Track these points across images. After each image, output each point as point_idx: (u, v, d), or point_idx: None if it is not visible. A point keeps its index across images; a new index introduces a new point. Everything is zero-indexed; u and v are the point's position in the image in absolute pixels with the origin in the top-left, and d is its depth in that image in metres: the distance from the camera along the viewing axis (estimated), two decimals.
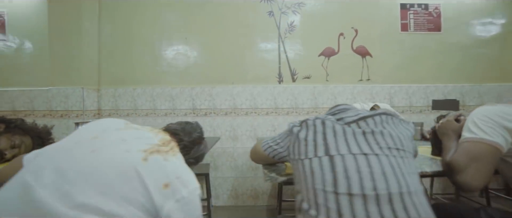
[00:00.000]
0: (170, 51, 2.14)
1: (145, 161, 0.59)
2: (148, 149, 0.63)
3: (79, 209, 0.50)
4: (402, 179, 0.53)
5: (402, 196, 0.50)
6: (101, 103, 2.16)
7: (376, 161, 0.55)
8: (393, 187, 0.51)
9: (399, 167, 0.55)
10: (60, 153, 0.61)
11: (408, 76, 2.13)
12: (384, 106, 1.72)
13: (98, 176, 0.55)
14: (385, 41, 2.11)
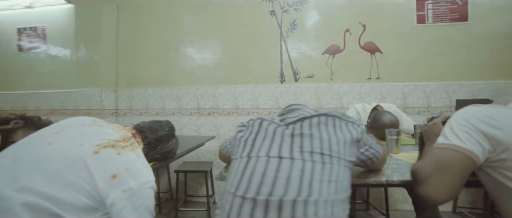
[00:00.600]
0: (177, 54, 2.26)
1: (95, 153, 0.65)
2: (102, 144, 0.68)
3: (22, 191, 0.56)
4: (307, 187, 0.48)
5: (295, 204, 0.46)
6: (118, 103, 2.38)
7: (288, 165, 0.52)
8: (289, 194, 0.48)
9: (312, 173, 0.50)
10: (22, 144, 0.70)
11: (426, 73, 1.90)
12: (389, 106, 1.57)
13: (46, 165, 0.62)
14: (397, 36, 1.93)
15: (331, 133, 0.57)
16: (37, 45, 2.51)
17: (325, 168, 0.52)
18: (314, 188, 0.48)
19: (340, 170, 0.53)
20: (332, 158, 0.53)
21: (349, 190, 0.53)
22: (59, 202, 0.57)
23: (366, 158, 0.64)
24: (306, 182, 0.49)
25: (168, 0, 2.24)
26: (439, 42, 1.88)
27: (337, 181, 0.51)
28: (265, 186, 0.49)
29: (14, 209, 0.54)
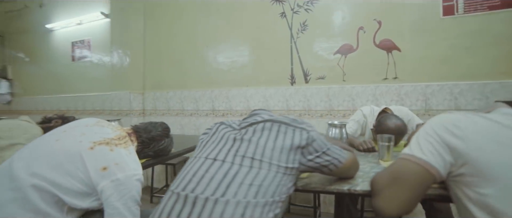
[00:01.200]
0: (194, 58, 2.42)
1: (91, 149, 0.79)
2: (98, 141, 0.82)
3: (32, 175, 0.72)
4: (224, 187, 0.51)
5: (206, 202, 0.49)
6: (145, 104, 2.64)
7: (217, 167, 0.55)
8: (206, 192, 0.50)
9: (234, 176, 0.52)
10: (40, 139, 0.87)
11: (454, 71, 1.67)
12: (400, 109, 1.44)
13: (52, 156, 0.77)
14: (419, 31, 1.74)
15: (270, 139, 0.58)
16: (84, 55, 2.95)
17: (251, 172, 0.53)
18: (230, 189, 0.50)
19: (268, 175, 0.53)
20: (262, 163, 0.54)
21: (279, 195, 0.53)
22: (59, 187, 0.71)
23: (318, 165, 0.62)
24: (225, 183, 0.51)
25: (185, 10, 2.41)
26: (473, 35, 1.63)
27: (260, 185, 0.52)
28: (191, 183, 0.53)
29: (24, 189, 0.69)
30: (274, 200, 0.52)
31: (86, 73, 2.93)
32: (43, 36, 3.23)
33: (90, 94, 2.87)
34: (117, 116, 2.54)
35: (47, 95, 3.21)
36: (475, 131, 0.51)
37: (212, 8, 2.33)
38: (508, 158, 0.46)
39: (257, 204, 0.49)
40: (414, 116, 1.41)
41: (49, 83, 3.22)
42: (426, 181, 0.53)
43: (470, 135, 0.51)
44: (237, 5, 2.24)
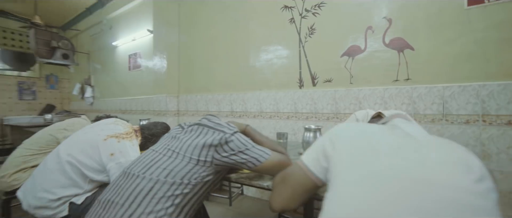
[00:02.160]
0: (214, 65, 2.70)
1: (104, 140, 1.11)
2: (110, 135, 1.15)
3: (68, 155, 1.08)
4: (147, 168, 0.71)
5: (137, 177, 0.70)
6: (179, 106, 3.08)
7: (153, 156, 0.75)
8: (140, 172, 0.71)
9: (157, 162, 0.72)
10: (78, 131, 1.24)
11: (481, 70, 1.44)
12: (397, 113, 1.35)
13: (81, 144, 1.13)
14: (436, 26, 1.55)
15: (191, 138, 0.74)
16: (136, 65, 3.61)
17: (168, 161, 0.71)
18: (151, 170, 0.70)
19: (180, 164, 0.70)
20: (178, 154, 0.72)
21: (188, 179, 0.69)
22: (84, 164, 1.06)
23: (234, 161, 0.74)
24: (149, 165, 0.72)
25: (210, 23, 2.71)
26: (507, 25, 1.38)
27: (172, 169, 0.70)
28: (136, 166, 0.74)
29: (63, 163, 1.05)
30: (183, 182, 0.68)
31: (137, 80, 3.58)
32: (111, 51, 4.07)
33: (140, 97, 3.50)
34: (157, 115, 3.04)
35: (114, 98, 4.05)
36: (344, 138, 0.56)
37: (231, 20, 2.56)
38: (352, 164, 0.50)
39: (165, 182, 0.67)
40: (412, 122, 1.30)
41: (115, 88, 4.05)
42: (305, 184, 0.59)
43: (340, 142, 0.55)
44: (252, 15, 2.40)
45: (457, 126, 1.49)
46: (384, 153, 0.48)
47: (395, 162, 0.46)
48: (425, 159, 0.45)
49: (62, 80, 5.24)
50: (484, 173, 0.43)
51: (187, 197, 0.70)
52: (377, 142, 0.51)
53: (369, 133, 0.55)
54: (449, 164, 0.43)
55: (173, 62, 3.00)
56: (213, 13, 2.74)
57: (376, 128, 0.58)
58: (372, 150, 0.49)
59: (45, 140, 1.46)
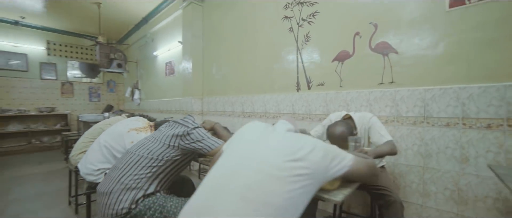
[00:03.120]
0: (227, 71, 3.05)
1: (128, 132, 1.57)
2: (132, 128, 1.60)
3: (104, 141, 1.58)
4: (140, 149, 1.08)
5: (132, 154, 1.07)
6: (203, 107, 3.53)
7: (144, 141, 1.12)
8: (134, 150, 1.08)
9: (144, 145, 1.08)
10: (114, 124, 1.73)
11: (463, 73, 1.42)
12: (363, 115, 1.47)
13: (113, 133, 1.60)
14: (419, 30, 1.58)
15: (167, 130, 1.08)
16: (171, 71, 4.23)
17: (151, 144, 1.07)
18: (140, 149, 1.07)
19: (157, 146, 1.05)
20: (157, 140, 1.06)
21: (162, 157, 1.04)
22: (113, 148, 1.51)
23: (193, 147, 1.06)
24: (139, 146, 1.09)
25: (224, 35, 3.07)
26: (490, 26, 1.35)
27: (152, 150, 1.05)
28: (133, 146, 1.11)
29: (101, 146, 1.52)
30: (158, 158, 1.02)
31: (172, 84, 4.20)
32: (153, 60, 4.83)
33: (173, 99, 4.11)
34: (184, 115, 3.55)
35: (154, 99, 4.79)
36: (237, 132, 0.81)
37: (241, 31, 2.87)
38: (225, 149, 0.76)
39: (146, 157, 1.03)
40: (375, 125, 1.39)
41: (155, 91, 4.79)
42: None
43: (234, 135, 0.81)
44: (258, 26, 2.67)
45: (437, 128, 1.50)
46: (243, 141, 0.73)
47: (245, 146, 0.70)
48: (264, 146, 0.68)
49: (118, 85, 6.36)
50: (305, 159, 0.64)
51: (161, 168, 1.04)
52: (245, 135, 0.75)
53: (248, 128, 0.79)
54: (276, 150, 0.65)
55: (197, 69, 3.48)
56: (228, 25, 3.09)
57: (258, 125, 0.81)
58: (238, 140, 0.74)
59: (97, 131, 2.02)
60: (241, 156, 0.70)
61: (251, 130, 0.79)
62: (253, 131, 0.78)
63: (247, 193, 0.60)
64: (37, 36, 5.03)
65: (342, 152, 0.75)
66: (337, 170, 0.70)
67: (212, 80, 3.37)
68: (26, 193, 2.64)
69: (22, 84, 4.94)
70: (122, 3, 4.10)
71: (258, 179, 0.61)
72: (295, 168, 0.62)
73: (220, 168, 0.70)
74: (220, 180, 0.66)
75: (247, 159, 0.67)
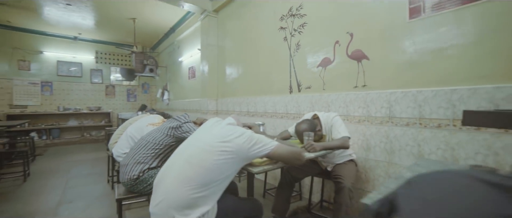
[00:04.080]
0: (238, 76, 3.43)
1: (146, 126, 2.08)
2: (150, 123, 2.10)
3: (129, 132, 2.13)
4: (149, 136, 1.52)
5: (143, 139, 1.53)
6: (217, 107, 3.98)
7: (152, 131, 1.54)
8: (145, 137, 1.53)
9: (152, 133, 1.52)
10: (139, 120, 2.26)
11: (420, 78, 1.58)
12: (328, 115, 1.72)
13: (137, 126, 2.14)
14: (385, 39, 1.75)
15: (167, 123, 1.51)
16: (193, 75, 4.78)
17: (155, 134, 1.49)
18: (148, 136, 1.52)
19: (159, 135, 1.47)
20: (160, 131, 1.49)
21: (162, 143, 1.45)
22: (136, 137, 2.02)
23: (183, 137, 1.45)
24: (149, 134, 1.53)
25: (233, 45, 3.46)
26: (440, 36, 1.49)
27: (155, 137, 1.48)
28: (145, 134, 1.57)
29: (127, 136, 2.07)
30: (159, 142, 1.45)
31: (193, 86, 4.75)
32: (179, 65, 5.47)
33: (193, 100, 4.65)
34: (203, 114, 4.05)
35: (180, 100, 5.42)
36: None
37: (247, 39, 3.24)
38: None
39: (152, 142, 1.46)
40: (336, 124, 1.63)
41: (181, 92, 5.41)
42: None
43: None
44: (260, 35, 3.01)
45: (400, 127, 1.67)
46: (200, 130, 1.09)
47: (198, 133, 1.06)
48: (208, 133, 1.03)
49: (151, 87, 7.22)
50: (231, 141, 0.97)
51: (161, 150, 1.46)
52: (204, 126, 1.11)
53: (208, 122, 1.14)
54: (214, 135, 1.00)
55: (213, 73, 3.93)
56: (236, 34, 3.48)
57: (213, 120, 1.16)
58: (199, 129, 1.11)
59: (125, 125, 2.57)
60: (194, 138, 1.07)
61: (208, 122, 1.15)
62: (209, 123, 1.13)
63: (190, 159, 0.97)
64: (89, 48, 6.07)
65: (267, 140, 1.06)
66: (257, 151, 1.02)
67: (224, 83, 3.80)
68: (79, 173, 3.38)
69: (77, 88, 6.01)
70: (153, 16, 4.77)
71: (198, 151, 0.97)
72: (222, 146, 0.96)
73: (181, 146, 1.08)
74: (177, 153, 1.05)
75: (195, 140, 1.04)
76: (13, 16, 4.78)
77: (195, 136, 1.13)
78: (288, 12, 2.58)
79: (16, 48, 5.42)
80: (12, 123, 4.04)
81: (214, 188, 0.98)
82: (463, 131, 1.39)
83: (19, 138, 4.41)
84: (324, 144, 1.49)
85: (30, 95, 5.50)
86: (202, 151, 0.99)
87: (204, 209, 0.96)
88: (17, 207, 2.26)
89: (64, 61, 5.85)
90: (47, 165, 3.87)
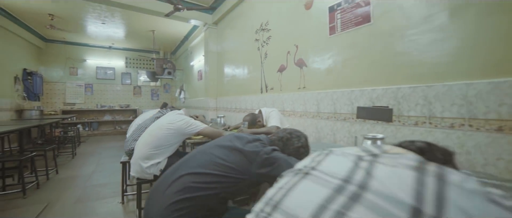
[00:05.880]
0: (230, 79, 4.06)
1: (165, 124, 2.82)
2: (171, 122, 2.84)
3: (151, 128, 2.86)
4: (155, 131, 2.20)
5: (148, 132, 2.19)
6: (217, 105, 4.67)
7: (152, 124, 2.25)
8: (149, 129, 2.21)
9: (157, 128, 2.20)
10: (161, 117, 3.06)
11: (335, 81, 2.03)
12: (266, 110, 2.24)
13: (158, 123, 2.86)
14: (316, 50, 2.22)
15: (167, 117, 2.19)
16: (200, 78, 5.54)
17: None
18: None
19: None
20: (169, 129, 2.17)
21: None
22: None
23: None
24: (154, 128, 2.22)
25: (226, 54, 4.10)
26: (346, 49, 1.93)
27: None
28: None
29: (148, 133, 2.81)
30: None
31: (201, 87, 5.51)
32: (191, 68, 6.29)
33: (200, 98, 5.40)
34: (206, 110, 4.77)
35: (192, 98, 6.24)
36: None
37: (237, 48, 3.85)
38: None
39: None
40: (271, 116, 2.15)
41: (194, 92, 6.23)
42: None
43: None
44: (243, 46, 3.59)
45: (324, 121, 2.13)
46: (161, 118, 1.74)
47: (159, 120, 1.72)
48: (164, 119, 1.67)
49: (171, 87, 8.24)
50: (174, 124, 1.60)
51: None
52: (164, 115, 1.76)
53: (168, 114, 1.79)
54: (165, 120, 1.65)
55: (213, 76, 4.63)
56: (229, 43, 4.10)
57: (173, 111, 1.79)
58: (162, 117, 1.76)
59: (150, 120, 3.37)
60: (157, 121, 1.73)
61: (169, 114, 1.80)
62: (169, 114, 1.78)
63: (150, 132, 1.65)
64: (120, 55, 7.25)
65: (199, 123, 1.67)
66: (190, 129, 1.63)
67: (222, 85, 4.46)
68: (108, 154, 4.35)
69: (111, 88, 7.23)
70: (167, 29, 5.64)
71: (154, 128, 1.64)
72: (168, 126, 1.60)
73: (150, 126, 1.75)
74: (146, 130, 1.71)
75: (157, 122, 1.70)
76: (67, 35, 6.07)
77: (158, 120, 1.78)
78: (260, 27, 3.12)
79: (68, 58, 6.78)
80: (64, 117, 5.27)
81: (163, 149, 1.63)
82: (358, 122, 1.83)
83: (70, 128, 5.63)
84: (252, 130, 2.03)
85: (77, 95, 6.83)
86: (157, 128, 1.66)
87: (157, 161, 1.61)
88: (68, 172, 3.25)
89: (101, 66, 7.10)
90: (88, 148, 4.96)
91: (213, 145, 0.98)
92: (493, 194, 0.37)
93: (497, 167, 1.15)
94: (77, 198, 2.42)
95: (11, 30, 4.85)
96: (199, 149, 1.01)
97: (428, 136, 1.40)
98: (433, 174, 0.38)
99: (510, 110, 1.11)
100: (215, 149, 0.93)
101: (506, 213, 0.34)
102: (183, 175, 0.86)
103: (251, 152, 0.89)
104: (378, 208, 0.35)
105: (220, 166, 0.86)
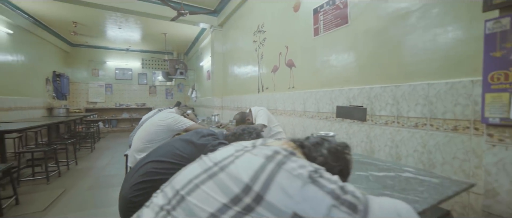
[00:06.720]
0: (232, 79, 4.22)
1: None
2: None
3: (153, 120, 3.16)
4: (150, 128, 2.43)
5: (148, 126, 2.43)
6: (222, 103, 4.86)
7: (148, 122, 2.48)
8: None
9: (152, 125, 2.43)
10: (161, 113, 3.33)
11: (318, 81, 2.10)
12: (255, 108, 2.36)
13: (157, 119, 3.15)
14: (303, 51, 2.29)
15: (161, 115, 2.41)
16: (208, 77, 5.77)
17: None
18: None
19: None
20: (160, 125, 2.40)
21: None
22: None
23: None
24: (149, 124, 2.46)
25: (231, 56, 4.26)
26: (328, 49, 1.99)
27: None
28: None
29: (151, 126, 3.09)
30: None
31: (208, 86, 5.74)
32: (201, 69, 6.56)
33: (208, 97, 5.64)
34: (211, 109, 4.99)
35: (202, 97, 6.51)
36: None
37: (237, 49, 4.00)
38: None
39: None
40: (259, 114, 2.27)
41: (203, 91, 6.49)
42: None
43: None
44: (243, 47, 3.73)
45: (309, 119, 2.21)
46: (155, 116, 1.93)
47: (153, 117, 1.92)
48: (156, 117, 1.87)
49: (185, 86, 8.61)
50: (165, 121, 1.79)
51: None
52: (158, 114, 1.95)
53: (161, 112, 1.98)
54: (159, 118, 1.85)
55: (218, 76, 4.82)
56: (231, 45, 4.26)
57: (165, 110, 1.98)
58: (155, 115, 1.96)
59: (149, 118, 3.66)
60: (151, 119, 1.93)
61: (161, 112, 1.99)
62: (162, 111, 1.98)
63: (145, 128, 1.85)
64: (136, 57, 7.73)
65: (186, 120, 1.85)
66: (179, 126, 1.81)
67: (227, 84, 4.64)
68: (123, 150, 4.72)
69: (129, 88, 7.75)
70: (178, 31, 5.93)
71: (148, 124, 1.84)
72: (159, 123, 1.80)
73: (146, 123, 1.95)
74: (141, 127, 1.92)
75: (150, 119, 1.89)
76: (89, 39, 6.63)
77: (152, 118, 1.99)
78: (257, 29, 3.24)
79: (91, 60, 7.38)
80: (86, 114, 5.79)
81: (154, 144, 1.83)
82: (337, 121, 1.89)
83: (92, 125, 6.17)
84: (241, 127, 2.16)
85: (98, 94, 7.41)
86: (150, 124, 1.87)
87: None
88: (85, 164, 3.65)
89: (120, 68, 7.62)
90: (106, 144, 5.42)
91: (177, 138, 1.14)
92: (321, 179, 0.47)
93: (453, 165, 1.18)
94: (90, 186, 2.73)
95: (43, 37, 5.43)
96: (166, 141, 1.17)
97: (396, 135, 1.45)
98: (276, 161, 0.49)
99: (463, 110, 1.14)
100: (177, 142, 1.09)
101: (322, 194, 0.45)
102: (148, 162, 1.02)
103: (201, 144, 1.03)
104: (222, 183, 0.47)
105: (177, 156, 1.02)
